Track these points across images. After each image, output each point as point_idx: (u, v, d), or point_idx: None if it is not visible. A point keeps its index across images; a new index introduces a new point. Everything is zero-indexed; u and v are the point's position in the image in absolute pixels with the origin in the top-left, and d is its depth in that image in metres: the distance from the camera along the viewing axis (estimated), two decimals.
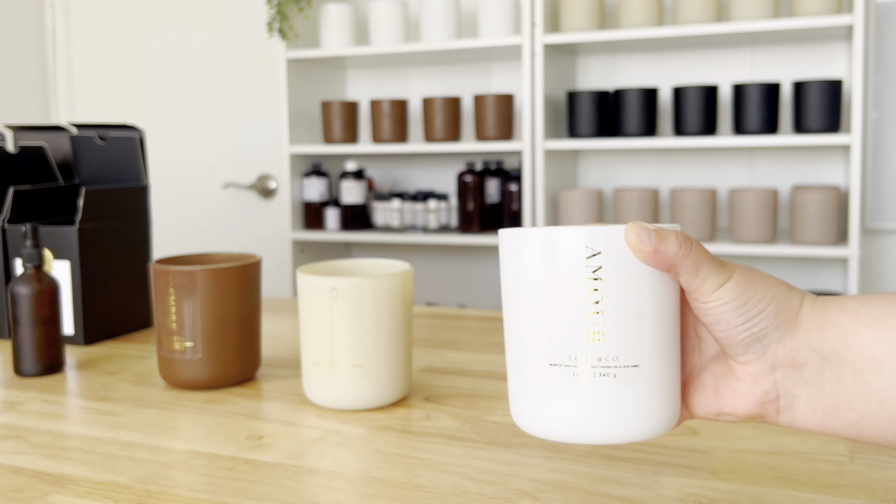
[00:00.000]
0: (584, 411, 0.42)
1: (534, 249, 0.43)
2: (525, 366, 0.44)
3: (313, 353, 0.75)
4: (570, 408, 0.42)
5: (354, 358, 0.73)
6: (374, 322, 0.73)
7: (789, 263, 2.37)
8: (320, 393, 0.75)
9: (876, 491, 0.57)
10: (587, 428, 0.42)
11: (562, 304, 0.42)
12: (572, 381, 0.42)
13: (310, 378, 0.76)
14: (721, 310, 0.42)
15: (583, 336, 0.42)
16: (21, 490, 0.59)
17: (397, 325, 0.75)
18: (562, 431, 0.43)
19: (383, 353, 0.74)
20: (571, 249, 0.42)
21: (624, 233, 0.42)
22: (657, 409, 0.43)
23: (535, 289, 0.43)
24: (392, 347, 0.75)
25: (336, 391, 0.74)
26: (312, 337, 0.75)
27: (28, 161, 1.14)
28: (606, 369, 0.42)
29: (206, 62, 2.88)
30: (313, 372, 0.75)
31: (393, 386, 0.75)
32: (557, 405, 0.43)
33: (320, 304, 0.73)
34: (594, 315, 0.42)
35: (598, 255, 0.42)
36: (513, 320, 0.45)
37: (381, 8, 2.39)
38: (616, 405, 0.42)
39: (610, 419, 0.42)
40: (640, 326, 0.42)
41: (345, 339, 0.73)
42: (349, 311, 0.73)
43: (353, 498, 0.57)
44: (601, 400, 0.42)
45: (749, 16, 2.05)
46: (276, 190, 2.84)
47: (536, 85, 2.24)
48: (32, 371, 0.89)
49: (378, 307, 0.73)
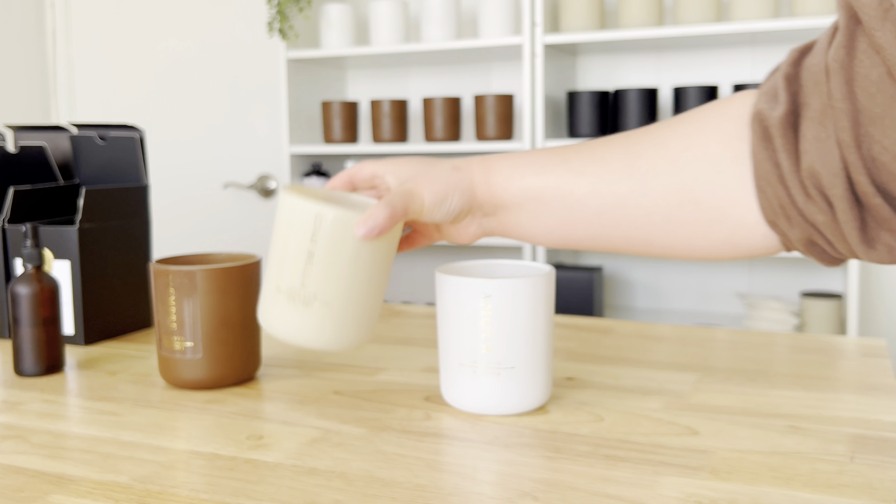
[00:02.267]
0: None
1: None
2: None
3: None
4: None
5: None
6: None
7: (789, 263, 2.38)
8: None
9: (876, 491, 0.57)
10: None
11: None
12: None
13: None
14: (432, 216, 0.64)
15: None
16: (21, 490, 0.60)
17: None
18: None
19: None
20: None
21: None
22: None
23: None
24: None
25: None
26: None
27: (28, 161, 1.14)
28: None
29: (206, 62, 2.88)
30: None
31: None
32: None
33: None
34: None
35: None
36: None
37: (381, 8, 2.39)
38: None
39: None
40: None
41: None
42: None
43: (353, 498, 0.57)
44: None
45: (749, 16, 2.05)
46: (276, 190, 2.84)
47: (536, 85, 2.24)
48: (32, 371, 0.89)
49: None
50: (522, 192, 0.62)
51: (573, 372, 0.87)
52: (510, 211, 0.64)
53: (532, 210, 0.63)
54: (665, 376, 0.85)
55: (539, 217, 0.63)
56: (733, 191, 0.54)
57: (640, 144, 0.58)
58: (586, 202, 0.60)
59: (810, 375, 0.85)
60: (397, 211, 0.63)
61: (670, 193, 0.56)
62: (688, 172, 0.55)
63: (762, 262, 2.40)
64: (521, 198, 0.63)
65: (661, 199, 0.57)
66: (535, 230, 0.64)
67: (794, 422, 0.71)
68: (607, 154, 0.59)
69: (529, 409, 0.74)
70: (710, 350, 0.96)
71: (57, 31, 3.06)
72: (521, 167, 0.63)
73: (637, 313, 2.45)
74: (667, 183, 0.56)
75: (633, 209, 0.58)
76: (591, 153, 0.60)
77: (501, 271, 0.80)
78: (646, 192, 0.57)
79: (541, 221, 0.63)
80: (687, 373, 0.87)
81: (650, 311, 2.47)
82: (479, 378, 0.72)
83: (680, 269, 2.49)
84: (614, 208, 0.59)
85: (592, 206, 0.60)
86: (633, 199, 0.58)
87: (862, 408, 0.75)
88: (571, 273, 2.28)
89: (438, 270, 0.75)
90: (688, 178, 0.55)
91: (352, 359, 0.94)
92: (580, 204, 0.60)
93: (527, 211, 0.63)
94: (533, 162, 0.63)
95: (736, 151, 0.54)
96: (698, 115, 0.57)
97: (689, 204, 0.56)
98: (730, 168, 0.54)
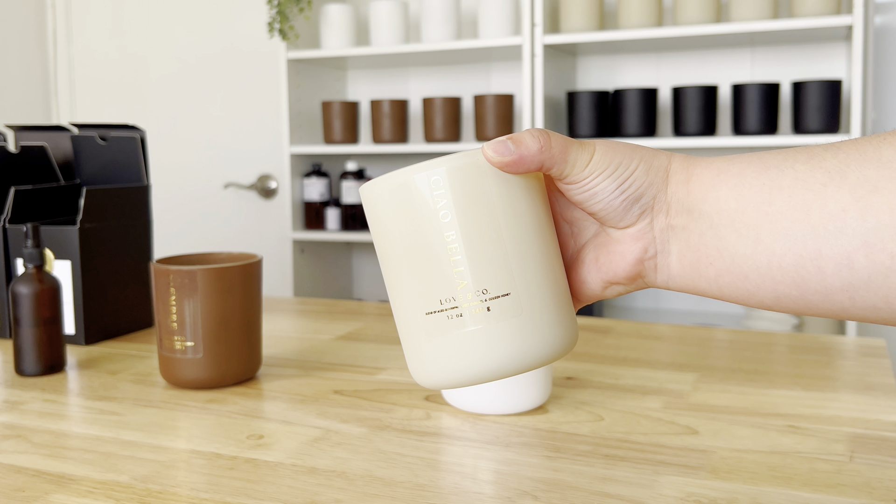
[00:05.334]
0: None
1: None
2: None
3: None
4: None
5: None
6: None
7: None
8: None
9: (875, 490, 0.58)
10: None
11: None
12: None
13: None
14: (595, 181, 0.42)
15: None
16: (22, 489, 0.60)
17: None
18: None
19: None
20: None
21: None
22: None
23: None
24: None
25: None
26: None
27: (29, 161, 1.14)
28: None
29: (206, 62, 2.88)
30: None
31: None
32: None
33: None
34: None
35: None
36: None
37: (381, 8, 2.40)
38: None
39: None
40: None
41: None
42: None
43: (353, 497, 0.57)
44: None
45: (748, 16, 2.05)
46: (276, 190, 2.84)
47: (536, 85, 2.24)
48: (33, 371, 0.89)
49: None
50: (738, 196, 0.41)
51: (573, 372, 0.87)
52: (712, 225, 0.41)
53: (750, 228, 0.40)
54: (665, 376, 0.85)
55: (760, 240, 0.40)
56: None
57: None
58: (846, 223, 0.37)
59: (809, 375, 0.85)
60: (554, 145, 0.42)
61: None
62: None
63: None
64: (734, 204, 0.41)
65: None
66: (748, 263, 0.40)
67: (794, 421, 0.71)
68: (886, 150, 0.37)
69: (529, 409, 0.74)
70: (710, 350, 0.96)
71: (58, 31, 3.06)
72: (741, 162, 0.42)
73: (637, 313, 2.45)
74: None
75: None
76: (859, 149, 0.38)
77: None
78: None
79: (762, 247, 0.40)
80: (686, 372, 0.87)
81: (650, 311, 2.47)
82: None
83: None
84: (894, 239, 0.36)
85: (856, 232, 0.37)
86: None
87: (861, 407, 0.75)
88: None
89: None
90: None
91: (352, 359, 0.94)
92: (835, 225, 0.38)
93: (740, 228, 0.40)
94: (759, 157, 0.41)
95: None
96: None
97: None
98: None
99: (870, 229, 0.36)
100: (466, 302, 0.42)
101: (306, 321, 1.15)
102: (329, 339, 1.04)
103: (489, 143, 0.41)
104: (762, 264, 0.39)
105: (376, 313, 1.19)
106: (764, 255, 0.39)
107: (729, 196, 0.40)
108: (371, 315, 1.18)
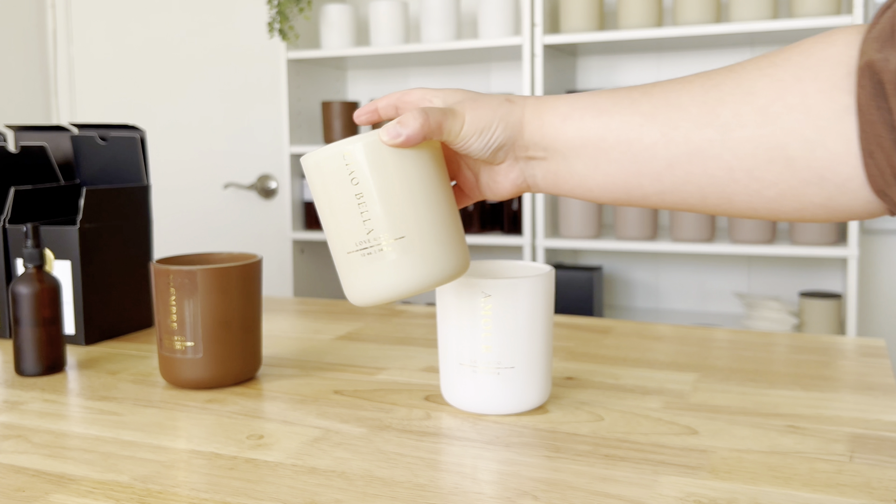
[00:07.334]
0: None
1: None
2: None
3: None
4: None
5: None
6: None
7: (789, 263, 2.38)
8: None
9: (875, 490, 0.58)
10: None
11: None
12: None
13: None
14: (468, 142, 0.59)
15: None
16: (22, 489, 0.60)
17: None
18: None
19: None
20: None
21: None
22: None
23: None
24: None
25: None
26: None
27: (29, 161, 1.14)
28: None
29: (206, 62, 2.88)
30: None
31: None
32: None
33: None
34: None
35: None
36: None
37: (381, 8, 2.40)
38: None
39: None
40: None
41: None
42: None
43: (353, 497, 0.57)
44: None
45: (749, 16, 2.05)
46: (276, 190, 2.84)
47: (536, 85, 2.24)
48: (33, 371, 0.89)
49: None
50: (581, 136, 0.56)
51: (573, 372, 0.87)
52: (564, 157, 0.57)
53: (590, 157, 0.56)
54: (664, 376, 0.85)
55: (598, 166, 0.56)
56: (834, 150, 0.47)
57: (723, 88, 0.51)
58: (656, 152, 0.53)
59: (809, 375, 0.85)
60: (431, 122, 0.57)
61: (758, 148, 0.49)
62: (780, 126, 0.48)
63: (761, 262, 2.40)
64: (578, 142, 0.56)
65: (747, 154, 0.50)
66: (591, 181, 0.57)
67: (794, 421, 0.72)
68: (684, 97, 0.52)
69: (529, 409, 0.74)
70: (710, 350, 0.96)
71: (58, 31, 3.06)
72: (582, 108, 0.56)
73: (637, 313, 2.45)
74: (754, 136, 0.49)
75: (711, 163, 0.51)
76: (665, 95, 0.53)
77: (501, 271, 0.80)
78: (728, 144, 0.50)
79: (600, 171, 0.56)
80: (686, 372, 0.87)
81: (650, 311, 2.47)
82: (478, 378, 0.72)
83: (679, 269, 2.50)
84: (689, 161, 0.52)
85: (663, 157, 0.53)
86: (714, 151, 0.51)
87: (861, 407, 0.75)
88: (571, 273, 2.28)
89: None
90: (780, 133, 0.48)
91: (352, 359, 0.94)
92: (649, 153, 0.53)
93: (584, 158, 0.56)
94: (594, 103, 0.56)
95: (839, 104, 0.46)
96: (793, 55, 0.49)
97: (779, 162, 0.49)
98: (831, 124, 0.47)
99: (672, 154, 0.53)
100: (373, 243, 0.59)
101: (306, 321, 1.15)
102: (329, 339, 1.04)
103: (384, 128, 0.57)
104: (601, 181, 0.57)
105: (376, 313, 1.19)
106: (602, 175, 0.56)
107: (574, 136, 0.56)
108: (371, 315, 1.18)
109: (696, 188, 0.53)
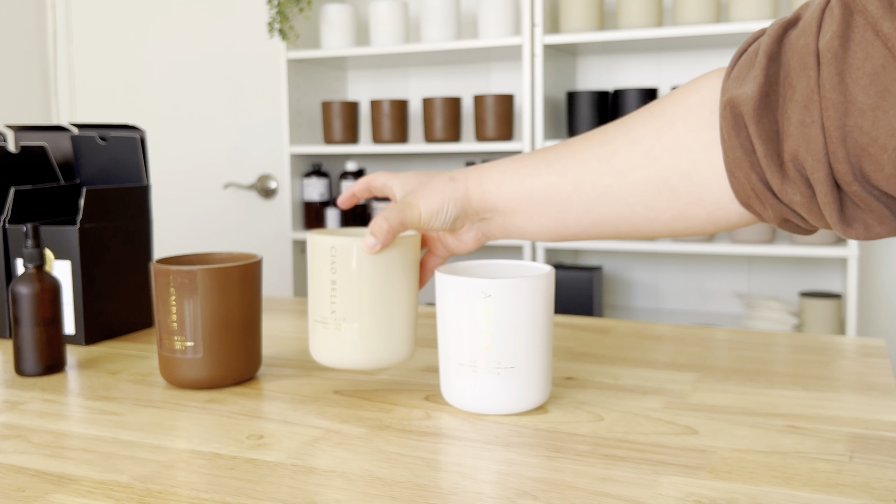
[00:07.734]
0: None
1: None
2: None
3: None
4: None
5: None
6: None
7: (789, 263, 2.38)
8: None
9: (875, 490, 0.58)
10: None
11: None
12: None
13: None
14: (429, 226, 0.73)
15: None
16: (22, 489, 0.60)
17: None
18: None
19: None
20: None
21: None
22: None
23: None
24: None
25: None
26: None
27: (29, 161, 1.14)
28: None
29: (206, 62, 2.88)
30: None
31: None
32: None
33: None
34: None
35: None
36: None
37: (381, 8, 2.40)
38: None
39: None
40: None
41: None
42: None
43: (353, 497, 0.57)
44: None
45: (748, 16, 2.05)
46: (276, 190, 2.84)
47: (536, 85, 2.24)
48: (33, 371, 0.89)
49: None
50: (514, 197, 0.69)
51: (573, 372, 0.87)
52: (505, 214, 0.71)
53: (525, 212, 0.69)
54: (664, 376, 0.85)
55: (533, 218, 0.69)
56: (706, 177, 0.57)
57: (616, 141, 0.62)
58: (572, 201, 0.65)
59: (809, 375, 0.85)
60: (393, 222, 0.71)
61: (647, 185, 0.60)
62: (661, 164, 0.59)
63: (761, 262, 2.40)
64: (513, 202, 0.69)
65: (640, 191, 0.61)
66: (531, 230, 0.70)
67: (794, 421, 0.72)
68: (586, 153, 0.64)
69: (529, 409, 0.74)
70: (710, 350, 0.96)
71: (58, 31, 3.06)
72: (510, 175, 0.69)
73: (636, 313, 2.45)
74: (643, 176, 0.60)
75: (615, 202, 0.63)
76: (571, 155, 0.65)
77: (501, 271, 0.80)
78: (625, 186, 0.61)
79: (535, 222, 0.69)
80: (686, 372, 0.87)
81: (649, 311, 2.47)
82: (478, 378, 0.72)
83: (679, 269, 2.50)
84: (598, 203, 0.64)
85: (578, 204, 0.65)
86: (614, 193, 0.62)
87: (861, 407, 0.75)
88: (571, 273, 2.28)
89: (438, 270, 0.75)
90: (662, 170, 0.59)
91: None
92: (567, 203, 0.66)
93: (520, 213, 0.69)
94: (520, 169, 0.69)
95: (706, 139, 0.57)
96: (668, 106, 0.60)
97: (666, 193, 0.60)
98: (701, 156, 0.57)
99: (584, 202, 0.65)
100: (332, 322, 0.74)
101: (306, 321, 1.15)
102: None
103: (366, 239, 0.72)
104: (538, 229, 0.69)
105: None
106: (537, 225, 0.69)
107: (509, 198, 0.69)
108: None
109: (608, 223, 0.65)
